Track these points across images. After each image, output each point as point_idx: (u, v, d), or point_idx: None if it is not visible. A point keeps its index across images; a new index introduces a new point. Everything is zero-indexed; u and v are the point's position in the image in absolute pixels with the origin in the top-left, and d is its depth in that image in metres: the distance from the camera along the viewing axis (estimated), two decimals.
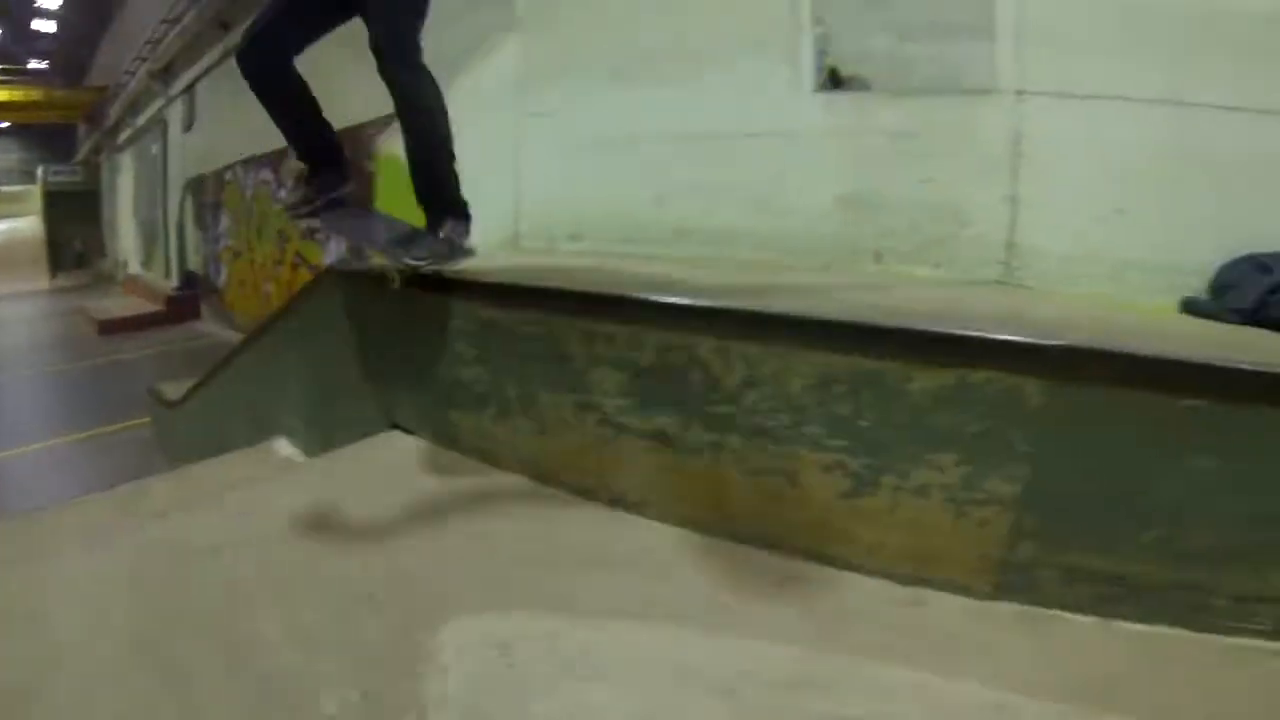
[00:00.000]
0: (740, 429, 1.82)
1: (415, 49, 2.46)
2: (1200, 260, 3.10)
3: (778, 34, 3.69)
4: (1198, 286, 3.11)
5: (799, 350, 1.79)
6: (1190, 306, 3.08)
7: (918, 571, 1.78)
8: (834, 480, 1.78)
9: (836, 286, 2.65)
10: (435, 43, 2.57)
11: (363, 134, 7.10)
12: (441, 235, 2.49)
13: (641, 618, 1.60)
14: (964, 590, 1.76)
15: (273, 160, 9.64)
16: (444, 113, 2.51)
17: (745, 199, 3.59)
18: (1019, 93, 3.38)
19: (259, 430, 3.37)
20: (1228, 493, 1.64)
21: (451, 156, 2.57)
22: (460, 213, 2.57)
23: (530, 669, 1.44)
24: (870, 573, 1.80)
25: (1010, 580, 1.75)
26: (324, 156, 2.71)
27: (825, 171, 3.42)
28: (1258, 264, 3.04)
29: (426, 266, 2.43)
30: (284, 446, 3.20)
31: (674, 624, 1.59)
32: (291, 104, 2.59)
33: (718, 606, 1.67)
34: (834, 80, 3.89)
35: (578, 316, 2.09)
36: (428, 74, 2.48)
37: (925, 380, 1.71)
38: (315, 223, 2.79)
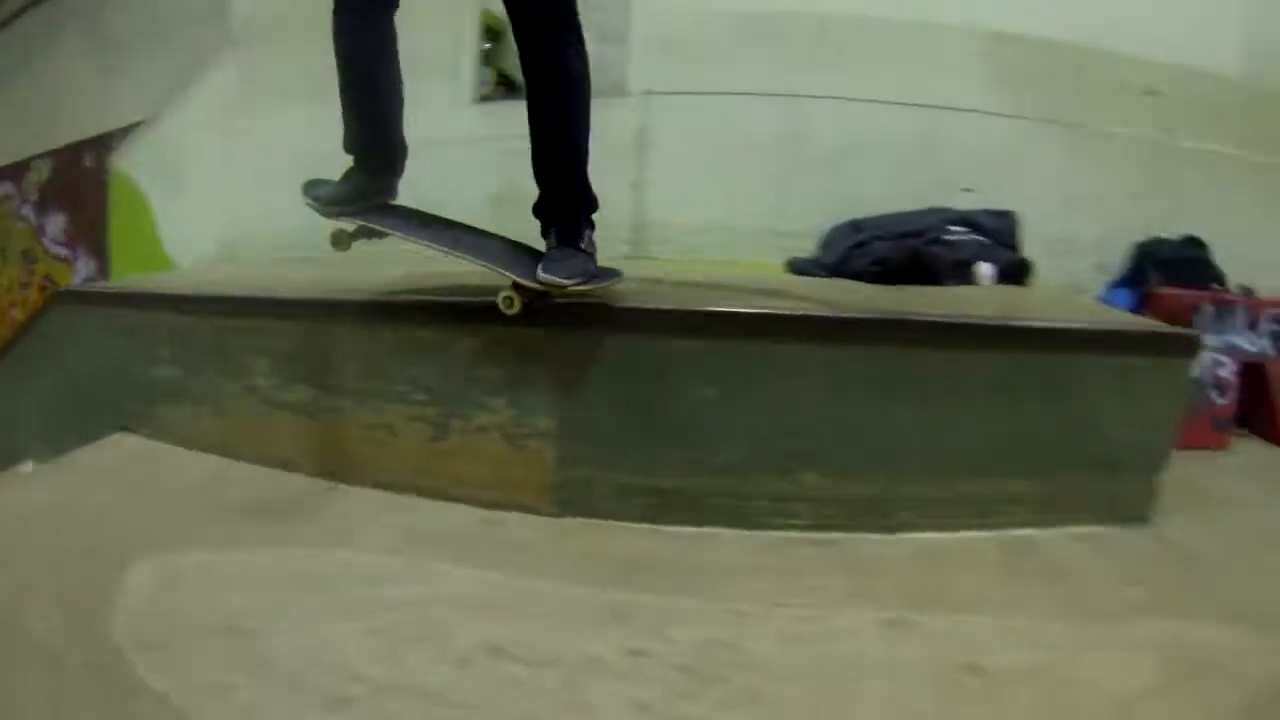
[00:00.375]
0: (350, 394, 2.43)
1: (576, 8, 2.10)
2: (809, 225, 3.87)
3: (443, 55, 4.28)
4: (809, 248, 3.90)
5: (376, 327, 2.37)
6: (792, 265, 3.84)
7: (495, 497, 2.19)
8: (419, 428, 2.34)
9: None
10: (155, 56, 2.74)
11: (100, 147, 6.97)
12: (583, 247, 2.17)
13: (276, 545, 2.14)
14: (533, 510, 2.14)
15: (14, 173, 9.12)
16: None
17: (414, 200, 4.16)
18: (646, 93, 4.11)
19: (6, 460, 3.49)
20: (733, 416, 2.02)
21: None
22: (591, 221, 2.24)
23: (191, 585, 2.02)
24: (458, 500, 2.23)
25: (569, 499, 2.12)
26: (386, 157, 2.37)
27: (479, 172, 4.03)
28: (855, 226, 3.83)
29: (579, 288, 2.09)
30: (29, 467, 3.40)
31: (300, 547, 2.11)
32: (382, 72, 2.23)
33: (339, 530, 2.20)
34: (511, 88, 4.56)
35: (231, 317, 2.66)
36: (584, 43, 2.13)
37: (465, 343, 2.26)
38: (363, 223, 2.38)
